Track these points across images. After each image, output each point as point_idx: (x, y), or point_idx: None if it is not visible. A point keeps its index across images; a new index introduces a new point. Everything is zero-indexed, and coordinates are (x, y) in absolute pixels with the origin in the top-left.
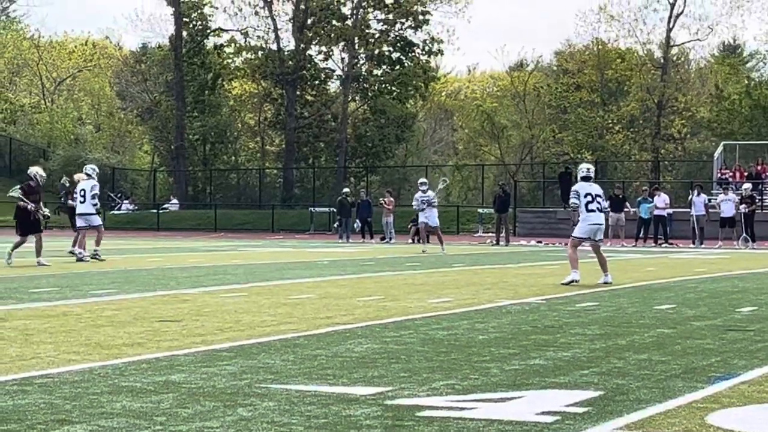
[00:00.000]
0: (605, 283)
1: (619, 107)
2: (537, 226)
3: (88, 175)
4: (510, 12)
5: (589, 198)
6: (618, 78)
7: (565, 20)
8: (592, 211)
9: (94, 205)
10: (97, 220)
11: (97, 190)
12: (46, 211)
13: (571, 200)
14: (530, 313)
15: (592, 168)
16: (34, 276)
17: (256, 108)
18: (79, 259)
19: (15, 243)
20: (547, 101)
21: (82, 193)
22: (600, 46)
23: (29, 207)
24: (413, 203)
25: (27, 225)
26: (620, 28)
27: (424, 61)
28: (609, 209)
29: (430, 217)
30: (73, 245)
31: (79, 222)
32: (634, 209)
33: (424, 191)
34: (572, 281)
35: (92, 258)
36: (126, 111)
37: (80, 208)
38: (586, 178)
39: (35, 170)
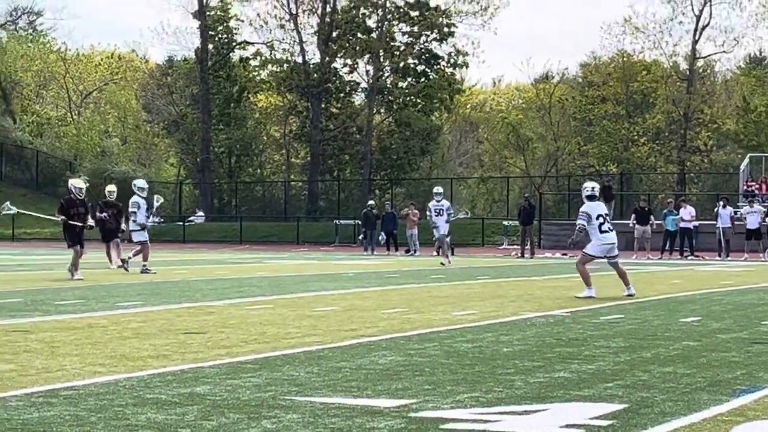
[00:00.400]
0: (629, 295)
1: (645, 119)
2: (562, 238)
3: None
4: (535, 24)
5: (601, 219)
6: (643, 90)
7: (591, 32)
8: (606, 231)
9: (134, 221)
10: (138, 237)
11: (134, 208)
12: (91, 223)
13: (580, 221)
14: (555, 325)
15: (597, 186)
16: (60, 288)
17: (282, 120)
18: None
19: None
20: (572, 113)
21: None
22: (625, 59)
23: (59, 219)
24: (427, 213)
25: (72, 236)
26: (645, 40)
27: (449, 73)
28: (634, 222)
29: (441, 228)
30: (134, 255)
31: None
32: (659, 222)
33: (438, 200)
34: (589, 297)
35: (142, 272)
36: (152, 124)
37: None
38: (592, 197)
39: (72, 182)
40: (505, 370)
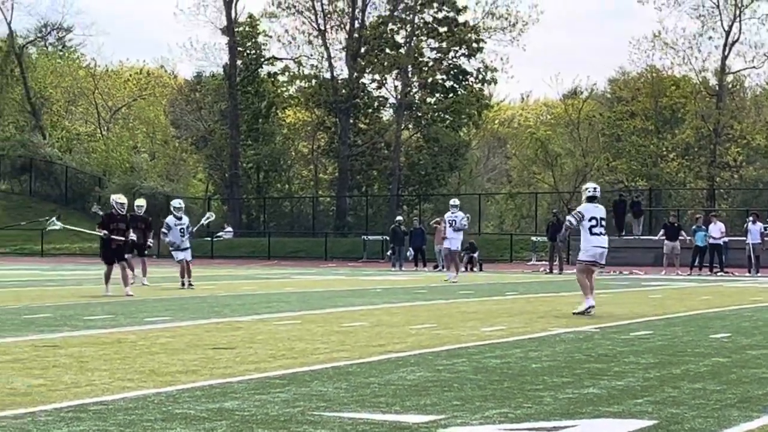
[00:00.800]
0: (589, 307)
1: (674, 135)
2: None
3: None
4: (564, 40)
5: (594, 222)
6: (672, 105)
7: (619, 48)
8: (596, 234)
9: (163, 239)
10: (175, 256)
11: (165, 228)
12: (133, 237)
13: (570, 219)
14: (584, 341)
15: (599, 188)
16: (89, 303)
17: (310, 136)
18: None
19: (104, 273)
20: (600, 129)
21: None
22: (654, 74)
23: (101, 233)
24: (443, 225)
25: (108, 253)
26: (675, 56)
27: (477, 89)
28: (663, 237)
29: (453, 241)
30: (181, 276)
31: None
32: (689, 237)
33: (453, 212)
34: (588, 308)
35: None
36: (180, 139)
37: None
38: (592, 198)
39: (114, 197)
40: (534, 386)
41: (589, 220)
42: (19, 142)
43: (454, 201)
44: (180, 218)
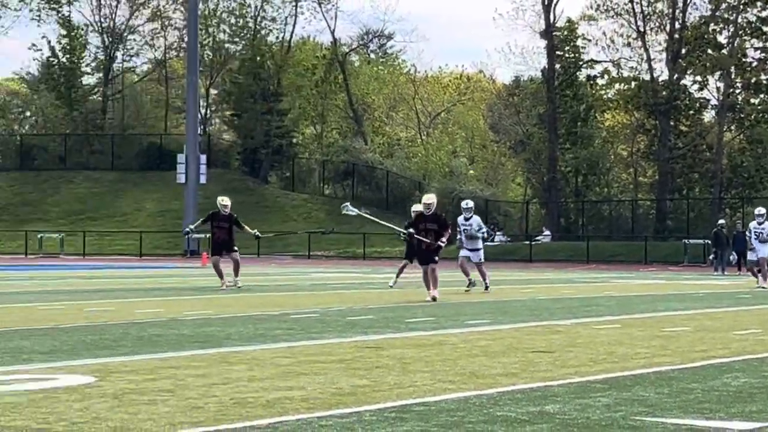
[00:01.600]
0: None
1: None
2: None
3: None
4: None
5: None
6: None
7: None
8: None
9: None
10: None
11: (458, 227)
12: (443, 240)
13: None
14: None
15: None
16: (410, 306)
17: (629, 139)
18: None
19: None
20: None
21: None
22: None
23: (405, 233)
24: (747, 233)
25: (418, 255)
26: None
27: None
28: None
29: (759, 249)
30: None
31: None
32: None
33: (759, 222)
34: None
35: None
36: (499, 143)
37: None
38: None
39: (424, 198)
40: None
41: None
42: (342, 148)
43: (760, 210)
44: (467, 218)
